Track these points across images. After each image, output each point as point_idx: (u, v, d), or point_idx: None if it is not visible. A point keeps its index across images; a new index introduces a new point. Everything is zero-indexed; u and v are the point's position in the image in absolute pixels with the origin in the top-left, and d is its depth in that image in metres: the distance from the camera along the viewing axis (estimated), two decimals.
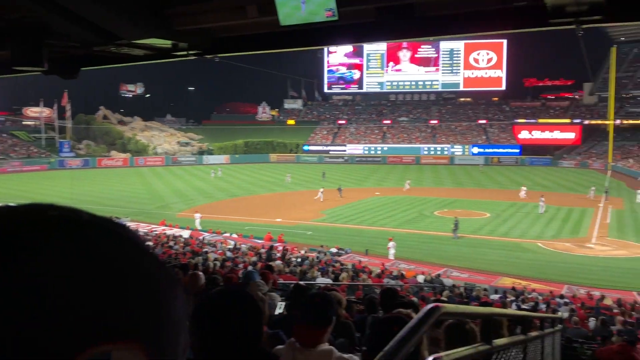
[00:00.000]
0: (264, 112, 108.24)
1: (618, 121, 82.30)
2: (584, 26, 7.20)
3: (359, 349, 4.11)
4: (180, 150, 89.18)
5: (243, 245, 26.35)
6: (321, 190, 46.44)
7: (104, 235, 0.48)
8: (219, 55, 10.00)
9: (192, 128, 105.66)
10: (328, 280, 15.83)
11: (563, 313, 15.15)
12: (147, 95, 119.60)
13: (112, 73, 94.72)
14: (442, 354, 1.59)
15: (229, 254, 22.44)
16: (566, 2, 6.44)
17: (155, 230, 30.73)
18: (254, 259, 20.38)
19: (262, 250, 24.04)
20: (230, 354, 1.48)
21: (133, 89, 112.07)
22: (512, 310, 6.85)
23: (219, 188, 54.48)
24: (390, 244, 27.59)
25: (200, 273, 5.81)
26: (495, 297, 18.03)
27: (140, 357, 0.47)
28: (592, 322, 14.36)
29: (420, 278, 21.72)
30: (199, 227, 33.18)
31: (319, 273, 17.97)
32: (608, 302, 18.30)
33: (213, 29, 8.91)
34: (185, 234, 30.58)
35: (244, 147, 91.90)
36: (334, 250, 27.63)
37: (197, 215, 34.67)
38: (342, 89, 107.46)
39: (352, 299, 10.61)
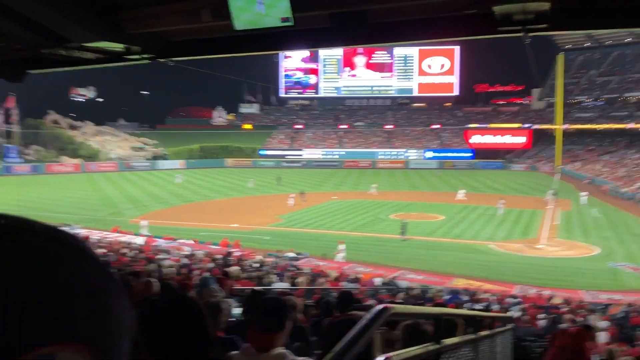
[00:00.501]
0: (220, 116, 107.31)
1: (565, 126, 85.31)
2: (531, 34, 7.44)
3: (315, 353, 4.13)
4: (133, 155, 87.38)
5: (199, 252, 25.97)
6: (292, 195, 46.44)
7: (50, 242, 0.50)
8: (173, 59, 9.87)
9: (146, 133, 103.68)
10: (285, 285, 15.78)
11: (514, 312, 15.57)
12: (99, 99, 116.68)
13: (62, 76, 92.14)
14: (392, 353, 1.63)
15: (184, 260, 22.09)
16: (514, 10, 6.65)
17: (107, 237, 29.97)
18: (210, 265, 20.12)
19: (218, 257, 23.76)
20: (174, 359, 1.48)
21: (84, 93, 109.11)
22: (461, 310, 7.02)
23: (174, 194, 53.62)
24: (341, 247, 27.84)
25: (154, 280, 5.71)
26: (448, 298, 18.35)
27: (85, 358, 0.49)
28: (542, 321, 14.80)
29: (377, 281, 21.90)
30: (145, 234, 32.62)
31: (276, 278, 17.89)
32: (557, 300, 18.89)
33: (166, 32, 8.79)
34: (139, 240, 29.93)
35: (199, 152, 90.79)
36: (291, 254, 27.58)
37: (143, 223, 33.94)
38: (298, 93, 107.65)
39: (309, 303, 10.62)
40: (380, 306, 1.63)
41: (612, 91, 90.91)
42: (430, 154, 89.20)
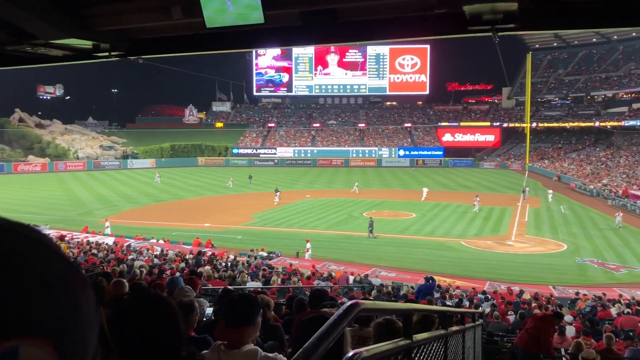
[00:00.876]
0: (191, 114, 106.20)
1: (534, 124, 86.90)
2: (500, 34, 7.55)
3: (288, 351, 4.13)
4: (103, 154, 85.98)
5: (170, 252, 25.74)
6: (277, 193, 46.26)
7: (13, 237, 0.50)
8: (143, 56, 9.72)
9: (115, 131, 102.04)
10: (258, 284, 15.74)
11: (485, 308, 15.82)
12: (67, 97, 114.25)
13: (29, 74, 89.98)
14: (362, 349, 1.64)
15: (156, 260, 21.87)
16: (483, 10, 6.74)
17: (77, 238, 29.47)
18: (182, 265, 19.96)
19: (190, 256, 23.58)
20: (145, 358, 1.46)
21: (52, 91, 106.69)
22: (431, 306, 7.10)
23: (145, 193, 52.96)
24: (308, 245, 28.03)
25: (124, 280, 5.64)
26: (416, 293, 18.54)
27: (48, 353, 0.49)
28: (512, 316, 15.06)
29: (350, 279, 22.02)
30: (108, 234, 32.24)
31: (249, 277, 17.84)
32: (527, 296, 19.25)
33: (136, 30, 8.67)
34: (109, 240, 29.52)
35: (170, 151, 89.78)
36: (264, 254, 27.53)
37: (107, 224, 33.45)
38: (271, 91, 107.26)
39: (282, 302, 10.61)
40: (350, 302, 1.65)
41: (578, 90, 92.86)
42: (402, 152, 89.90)
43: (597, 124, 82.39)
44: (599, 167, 67.52)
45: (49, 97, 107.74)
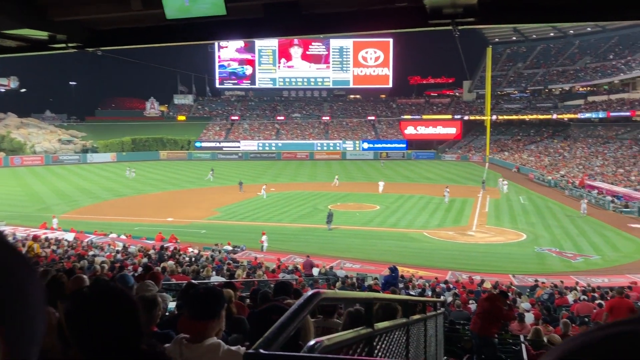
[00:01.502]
0: (153, 107, 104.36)
1: (494, 117, 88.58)
2: (460, 27, 7.66)
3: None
4: (61, 148, 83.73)
5: (133, 247, 25.34)
6: (263, 186, 46.36)
7: None
8: (102, 48, 9.51)
9: (74, 125, 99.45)
10: (222, 279, 15.65)
11: (447, 297, 16.12)
12: (23, 90, 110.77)
13: None
14: (324, 338, 1.66)
15: (118, 256, 21.51)
16: (443, 4, 6.84)
17: (35, 234, 28.69)
18: (144, 260, 19.68)
19: (152, 251, 23.26)
20: (104, 353, 1.45)
21: (5, 83, 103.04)
22: (392, 295, 7.22)
23: (105, 188, 51.92)
24: (264, 237, 28.07)
25: (84, 276, 5.53)
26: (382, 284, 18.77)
27: None
28: (473, 305, 15.38)
29: (315, 271, 22.11)
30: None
31: (213, 271, 17.72)
32: (487, 285, 19.68)
33: (94, 21, 8.47)
34: (69, 236, 28.86)
35: (131, 145, 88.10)
36: (229, 247, 27.39)
37: (54, 221, 32.67)
38: (234, 84, 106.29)
39: (246, 295, 10.59)
40: (312, 291, 1.66)
41: (537, 83, 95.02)
42: (366, 145, 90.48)
43: (554, 116, 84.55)
44: (556, 158, 69.36)
45: (2, 90, 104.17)
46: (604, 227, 34.54)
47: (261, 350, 1.19)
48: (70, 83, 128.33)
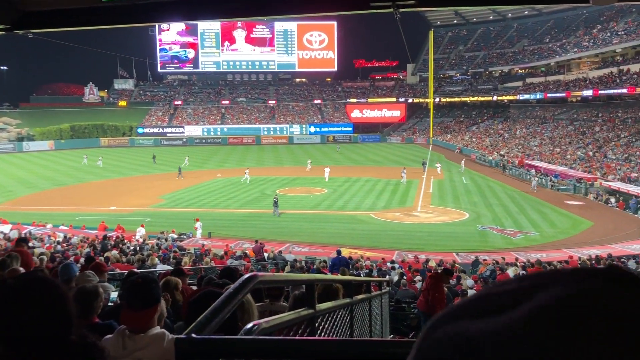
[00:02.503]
0: (92, 93, 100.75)
1: (437, 99, 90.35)
2: (401, 10, 7.73)
3: None
4: None
5: (75, 237, 24.57)
6: (247, 170, 46.01)
7: None
8: (33, 31, 9.05)
9: (7, 112, 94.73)
10: (168, 267, 15.41)
11: (394, 277, 16.46)
12: None
13: None
14: (262, 320, 1.67)
15: (58, 247, 20.81)
16: None
17: None
18: (87, 250, 19.13)
19: (95, 241, 22.63)
20: (29, 346, 1.40)
21: None
22: (333, 276, 7.29)
23: (44, 177, 49.96)
24: (197, 224, 27.87)
25: (21, 268, 5.34)
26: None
27: None
28: (419, 283, 15.78)
29: (264, 256, 22.09)
30: None
31: (159, 260, 17.43)
32: (432, 264, 20.20)
33: (23, 0, 8.06)
34: (5, 228, 27.65)
35: (70, 132, 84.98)
36: (174, 235, 26.98)
37: None
38: (176, 68, 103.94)
39: (192, 283, 10.48)
40: (248, 274, 1.66)
41: (478, 66, 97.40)
42: (313, 129, 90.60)
43: (495, 98, 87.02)
44: (497, 139, 71.54)
45: None
46: (542, 204, 35.96)
47: (193, 335, 1.19)
48: (2, 68, 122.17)
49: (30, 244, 20.86)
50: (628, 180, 39.45)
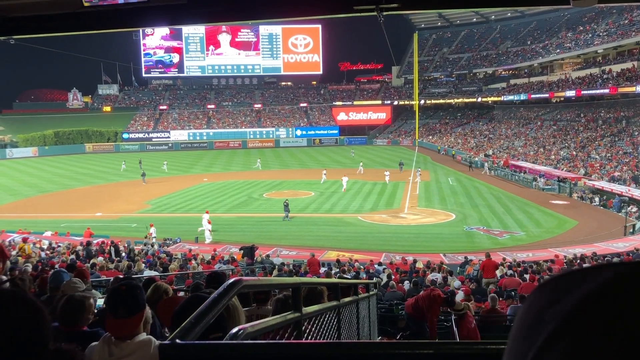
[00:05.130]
0: (76, 99, 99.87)
1: (422, 101, 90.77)
2: (385, 13, 7.76)
3: None
4: None
5: (60, 244, 24.33)
6: (324, 171, 46.83)
7: None
8: (15, 37, 8.96)
9: None
10: (155, 273, 15.33)
11: (381, 279, 16.50)
12: None
13: None
14: (248, 324, 1.67)
15: (43, 254, 20.60)
16: None
17: None
18: (72, 257, 18.96)
19: (80, 248, 22.43)
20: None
21: None
22: (320, 279, 7.28)
23: (28, 184, 49.41)
24: (152, 229, 27.61)
25: (3, 277, 5.27)
26: (322, 270, 18.99)
27: None
28: (407, 284, 15.82)
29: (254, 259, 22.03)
30: None
31: (146, 266, 17.32)
32: (420, 265, 20.27)
33: (5, 6, 7.98)
34: None
35: (54, 138, 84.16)
36: (153, 229, 26.95)
37: None
38: (161, 73, 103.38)
39: (183, 288, 10.43)
40: (232, 279, 1.66)
41: (462, 67, 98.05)
42: (299, 132, 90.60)
43: (479, 99, 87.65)
44: (482, 140, 72.03)
45: None
46: (527, 204, 36.26)
47: (177, 341, 1.18)
48: None
49: (14, 252, 20.61)
50: (611, 179, 39.92)
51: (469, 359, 1.36)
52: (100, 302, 6.01)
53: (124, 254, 21.42)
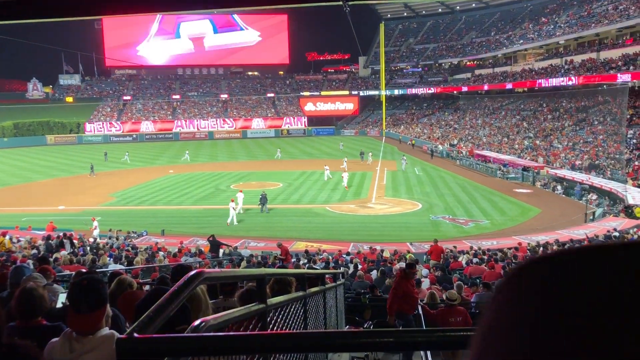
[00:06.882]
0: (36, 89, 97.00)
1: (389, 92, 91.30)
2: (351, 3, 7.77)
3: None
4: None
5: (21, 239, 23.74)
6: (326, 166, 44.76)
7: None
8: None
9: None
10: (121, 266, 15.11)
11: (349, 269, 16.62)
12: None
13: None
14: (210, 317, 1.66)
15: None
16: None
17: None
18: (33, 252, 18.53)
19: (41, 242, 21.95)
20: None
21: None
22: (286, 269, 7.27)
23: None
24: (94, 223, 27.20)
25: None
26: (293, 260, 19.03)
27: None
28: (374, 273, 15.98)
29: (220, 252, 21.92)
30: None
31: (111, 259, 17.06)
32: (387, 254, 20.50)
33: None
34: None
35: (13, 130, 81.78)
36: (126, 234, 26.44)
37: None
38: (124, 62, 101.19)
39: (147, 282, 10.31)
40: (193, 271, 1.65)
41: (428, 58, 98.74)
42: (267, 123, 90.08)
43: (445, 89, 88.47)
44: (448, 130, 72.95)
45: None
46: (492, 193, 36.96)
47: (135, 335, 1.17)
48: None
49: None
50: (572, 167, 40.99)
51: (431, 346, 1.38)
52: (63, 296, 5.90)
53: (80, 248, 21.02)
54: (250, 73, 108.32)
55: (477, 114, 75.18)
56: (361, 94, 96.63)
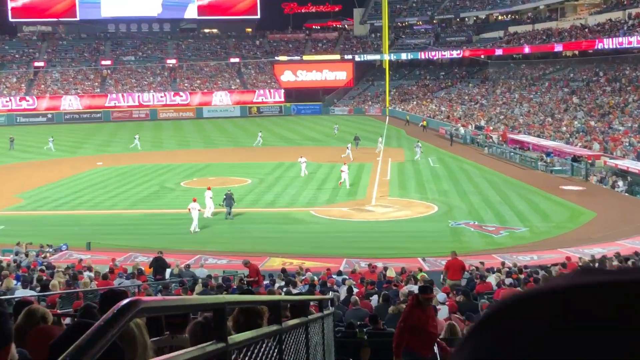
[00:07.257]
0: None
1: (394, 56, 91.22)
2: None
3: None
4: None
5: None
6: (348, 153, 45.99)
7: None
8: None
9: None
10: (32, 292, 14.99)
11: (340, 293, 16.64)
12: None
13: None
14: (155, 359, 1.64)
15: None
16: None
17: None
18: None
19: None
20: None
21: None
22: (255, 296, 7.21)
23: None
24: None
25: None
26: (265, 282, 19.02)
27: None
28: (374, 299, 15.99)
29: (166, 273, 21.83)
30: None
31: (18, 283, 16.93)
32: (392, 273, 20.51)
33: None
34: None
35: None
36: (39, 249, 26.31)
37: None
38: (35, 17, 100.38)
39: (67, 313, 10.26)
40: (126, 301, 1.62)
41: (445, 11, 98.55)
42: (229, 98, 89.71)
43: (468, 53, 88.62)
44: (472, 107, 73.23)
45: None
46: (531, 191, 37.16)
47: None
48: None
49: None
50: (638, 156, 41.05)
51: None
52: None
53: None
54: (206, 30, 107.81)
55: (512, 86, 75.57)
56: (357, 58, 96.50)
